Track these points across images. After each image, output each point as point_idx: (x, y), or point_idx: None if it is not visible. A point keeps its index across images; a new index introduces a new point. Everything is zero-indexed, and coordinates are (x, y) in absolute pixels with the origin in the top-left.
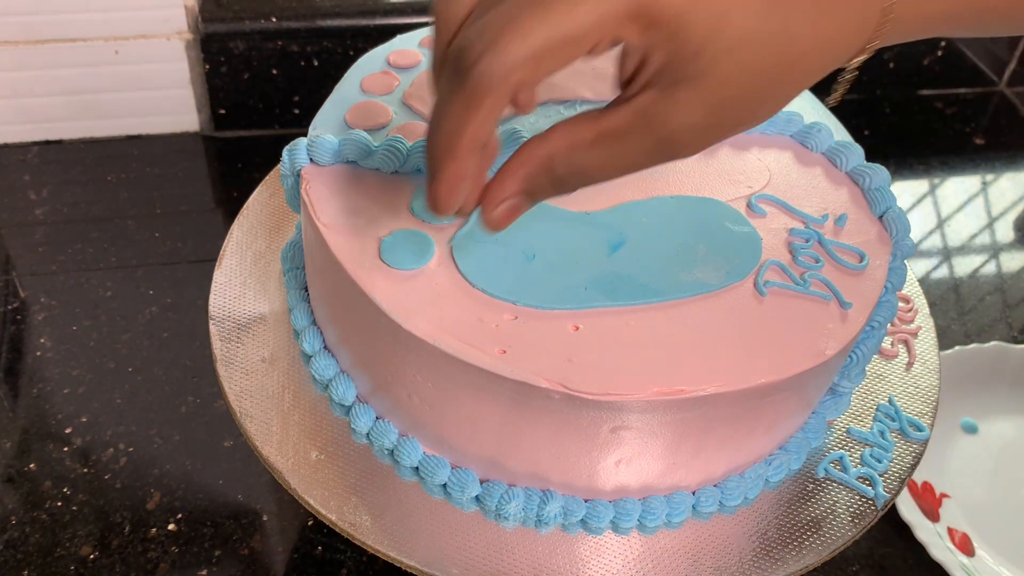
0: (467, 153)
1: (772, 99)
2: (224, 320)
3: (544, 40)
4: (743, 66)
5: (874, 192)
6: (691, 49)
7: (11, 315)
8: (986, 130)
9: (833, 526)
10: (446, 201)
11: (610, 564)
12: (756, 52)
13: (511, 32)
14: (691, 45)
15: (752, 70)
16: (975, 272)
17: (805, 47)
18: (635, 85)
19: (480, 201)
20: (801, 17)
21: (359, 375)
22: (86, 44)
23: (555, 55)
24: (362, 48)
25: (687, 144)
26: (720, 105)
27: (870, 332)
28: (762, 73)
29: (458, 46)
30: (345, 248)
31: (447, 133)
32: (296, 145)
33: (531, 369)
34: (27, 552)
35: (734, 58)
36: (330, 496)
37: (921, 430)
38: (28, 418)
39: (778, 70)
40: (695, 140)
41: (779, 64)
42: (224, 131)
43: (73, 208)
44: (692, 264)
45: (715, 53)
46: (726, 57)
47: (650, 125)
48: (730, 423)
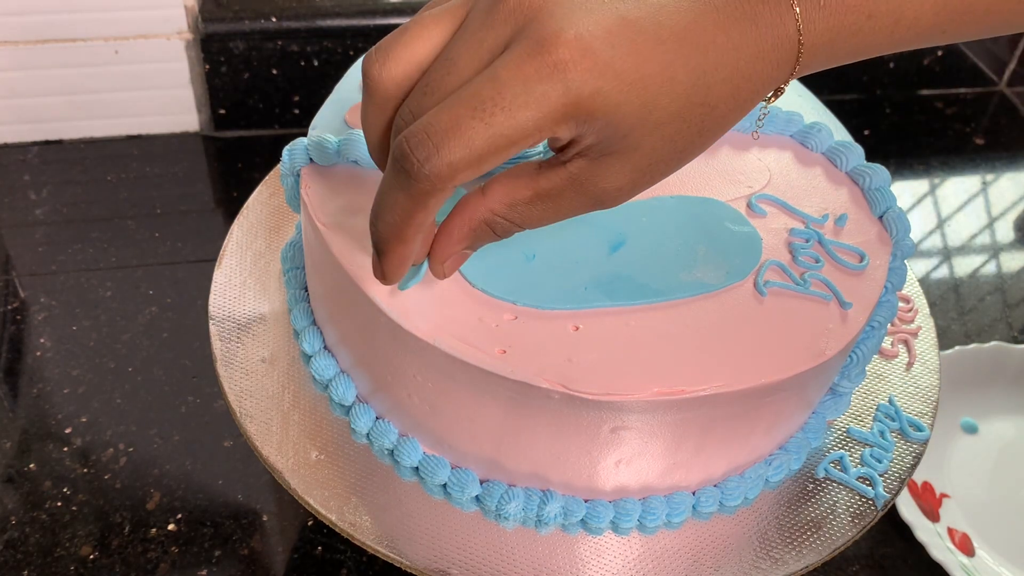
0: (412, 237)
1: (690, 155)
2: (224, 320)
3: (486, 145)
4: (667, 139)
5: (874, 192)
6: (621, 132)
7: (11, 315)
8: (986, 130)
9: (833, 526)
10: (393, 276)
11: (610, 564)
12: (679, 126)
13: (455, 139)
14: (621, 129)
15: (675, 140)
16: (975, 272)
17: (725, 111)
18: (568, 153)
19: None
20: (721, 88)
21: (359, 375)
22: (86, 44)
23: (498, 155)
24: (362, 48)
25: (616, 200)
26: (645, 169)
27: (870, 332)
28: (684, 140)
29: (402, 149)
30: (345, 248)
31: (393, 223)
32: (296, 145)
33: (531, 369)
34: (27, 552)
35: (659, 134)
36: (330, 496)
37: (921, 430)
38: (28, 418)
39: (698, 134)
40: (623, 196)
41: (700, 130)
42: (224, 131)
43: (73, 208)
44: (692, 264)
45: (642, 132)
46: (652, 134)
47: (582, 187)
48: (730, 423)
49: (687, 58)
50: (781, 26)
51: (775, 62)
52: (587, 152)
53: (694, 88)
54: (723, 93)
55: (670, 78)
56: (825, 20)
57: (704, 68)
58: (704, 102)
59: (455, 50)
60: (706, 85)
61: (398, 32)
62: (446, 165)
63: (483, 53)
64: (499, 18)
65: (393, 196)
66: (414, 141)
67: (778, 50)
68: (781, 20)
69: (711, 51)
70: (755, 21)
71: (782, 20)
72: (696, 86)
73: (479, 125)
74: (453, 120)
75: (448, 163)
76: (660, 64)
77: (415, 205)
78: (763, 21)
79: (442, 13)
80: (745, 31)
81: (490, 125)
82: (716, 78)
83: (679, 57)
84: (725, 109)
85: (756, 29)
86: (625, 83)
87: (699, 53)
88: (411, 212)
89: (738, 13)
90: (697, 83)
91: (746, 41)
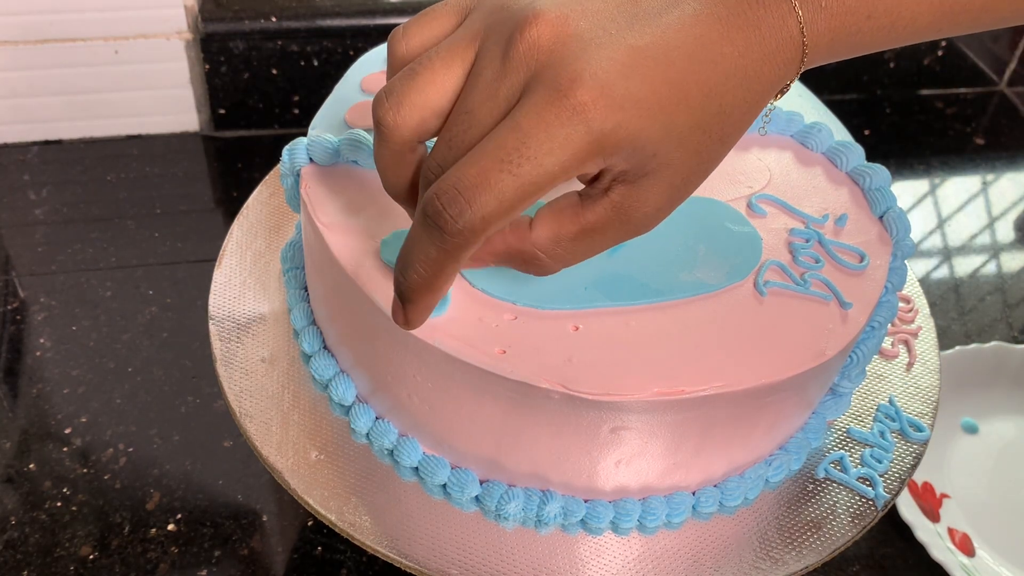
0: (441, 287)
1: (717, 161)
2: (224, 320)
3: (516, 194)
4: (693, 151)
5: (874, 192)
6: (649, 153)
7: (11, 315)
8: (986, 130)
9: (833, 526)
10: (417, 323)
11: (610, 564)
12: (701, 137)
13: (485, 192)
14: (648, 151)
15: (700, 151)
16: (975, 272)
17: (739, 115)
18: (604, 182)
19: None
20: (733, 95)
21: (359, 375)
22: (86, 44)
23: (527, 202)
24: (362, 48)
25: (654, 222)
26: (680, 184)
27: (870, 332)
28: (708, 150)
29: (435, 207)
30: (345, 248)
31: (425, 275)
32: (296, 145)
33: (531, 369)
34: (27, 552)
35: (685, 147)
36: (330, 496)
37: (921, 430)
38: (28, 418)
39: (719, 142)
40: (660, 218)
41: (720, 138)
42: (224, 131)
43: (73, 208)
44: (692, 264)
45: (668, 148)
46: (677, 148)
47: (627, 215)
48: (730, 423)
49: (698, 74)
50: (784, 28)
51: (781, 63)
52: (623, 178)
53: (708, 99)
54: (735, 99)
55: (685, 95)
56: (826, 21)
57: (715, 80)
58: (720, 111)
59: (471, 101)
60: (719, 95)
61: (407, 76)
62: (479, 219)
63: (500, 102)
64: (512, 66)
65: (424, 250)
66: (446, 199)
67: (783, 51)
68: (784, 23)
69: (720, 63)
70: (758, 26)
71: (784, 23)
72: (710, 97)
73: (507, 177)
74: (481, 174)
75: (481, 217)
76: (674, 85)
77: (447, 258)
78: (765, 25)
79: (451, 56)
80: (749, 37)
81: (518, 176)
82: (727, 86)
83: (690, 75)
84: (739, 114)
85: (759, 34)
86: (644, 110)
87: (709, 67)
88: (443, 265)
89: (741, 21)
90: (710, 94)
91: (751, 47)
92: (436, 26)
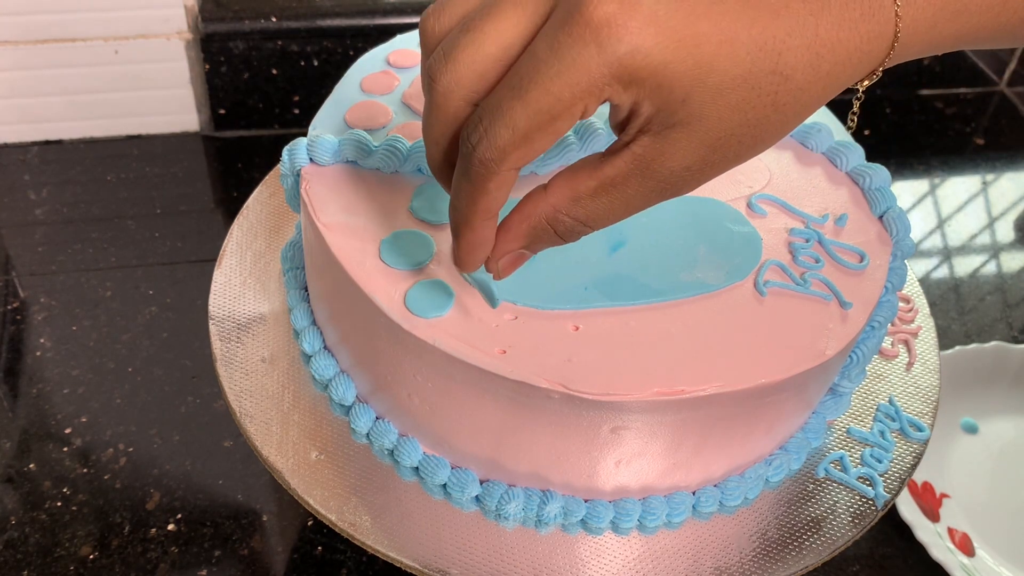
0: (481, 223)
1: (769, 134)
2: (224, 320)
3: (528, 122)
4: (734, 107)
5: (874, 192)
6: (678, 96)
7: (11, 315)
8: (986, 130)
9: (833, 526)
10: (467, 261)
11: (610, 564)
12: (747, 94)
13: (498, 121)
14: (677, 93)
15: (744, 110)
16: (975, 272)
17: (802, 82)
18: (630, 131)
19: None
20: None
21: (359, 375)
22: (86, 44)
23: (544, 131)
24: (362, 48)
25: (686, 183)
26: (716, 145)
27: (870, 332)
28: (755, 112)
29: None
30: (345, 248)
31: (461, 209)
32: (296, 145)
33: (531, 369)
34: (27, 552)
35: (724, 100)
36: (330, 496)
37: (921, 430)
38: (28, 418)
39: (773, 108)
40: (693, 179)
41: (774, 103)
42: (224, 131)
43: (73, 208)
44: (692, 264)
45: (703, 98)
46: (715, 100)
47: (649, 168)
48: (730, 423)
49: (752, 20)
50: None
51: (865, 35)
52: (649, 126)
53: (761, 52)
54: (799, 61)
55: (730, 39)
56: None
57: (773, 32)
58: (775, 69)
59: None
60: (776, 51)
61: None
62: (495, 148)
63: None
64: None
65: (459, 182)
66: (470, 128)
67: (869, 21)
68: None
69: (783, 14)
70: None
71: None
72: (763, 50)
73: (517, 104)
74: (496, 102)
75: (497, 146)
76: (717, 23)
77: (475, 190)
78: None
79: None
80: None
81: (527, 103)
82: (789, 44)
83: (742, 18)
84: (802, 80)
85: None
86: (672, 39)
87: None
88: (474, 197)
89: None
90: (764, 47)
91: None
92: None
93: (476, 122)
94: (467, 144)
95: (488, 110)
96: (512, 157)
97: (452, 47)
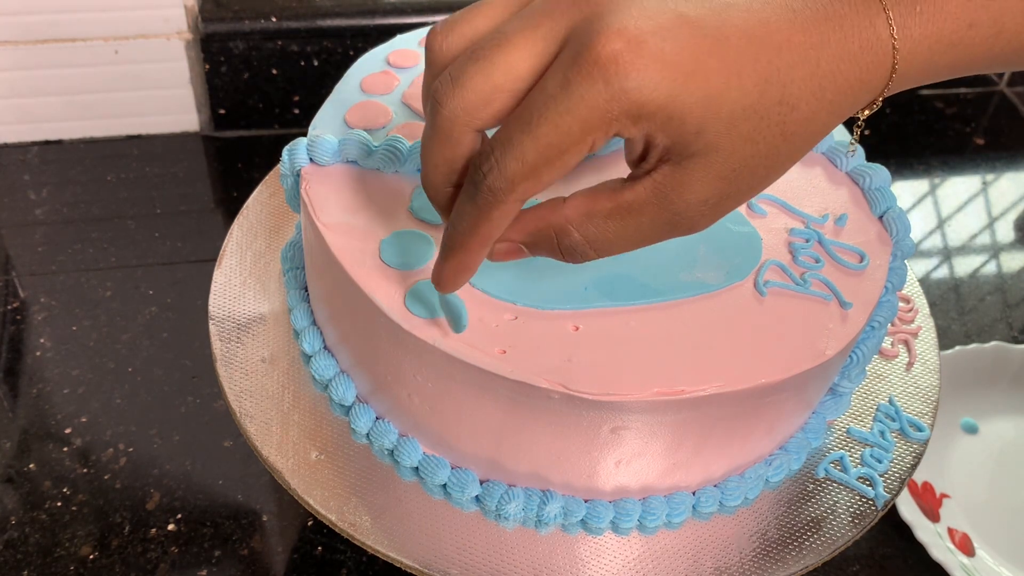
0: (477, 248)
1: (779, 164)
2: (224, 320)
3: (537, 156)
4: (746, 137)
5: (874, 192)
6: (691, 128)
7: (11, 315)
8: (986, 130)
9: (833, 526)
10: (450, 283)
11: (610, 564)
12: (757, 123)
13: (509, 153)
14: (690, 125)
15: (755, 140)
16: (975, 272)
17: (808, 112)
18: (651, 160)
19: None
20: (800, 86)
21: (359, 375)
22: (86, 44)
23: (552, 165)
24: (362, 48)
25: (700, 218)
26: (731, 176)
27: (870, 332)
28: (766, 142)
29: (473, 162)
30: (345, 248)
31: (461, 231)
32: (296, 145)
33: (531, 369)
34: (27, 552)
35: (736, 131)
36: (330, 496)
37: (921, 430)
38: (28, 418)
39: (782, 138)
40: (708, 214)
41: (782, 132)
42: (224, 131)
43: (73, 208)
44: (692, 264)
45: (717, 128)
46: (728, 131)
47: (667, 199)
48: (730, 423)
49: (757, 54)
50: (870, 28)
51: (865, 65)
52: (668, 156)
53: (767, 83)
54: (803, 92)
55: (737, 72)
56: (922, 27)
57: (777, 65)
58: (782, 99)
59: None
60: (781, 82)
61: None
62: (505, 179)
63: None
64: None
65: (463, 206)
66: (481, 157)
67: (868, 53)
68: (871, 23)
69: (785, 49)
70: (839, 23)
71: (872, 23)
72: (770, 81)
73: (527, 138)
74: (507, 135)
75: (506, 177)
76: (723, 58)
77: (480, 216)
78: (848, 23)
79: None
80: (826, 32)
81: (536, 137)
82: (793, 76)
83: (746, 53)
84: (807, 110)
85: (840, 30)
86: (679, 73)
87: (770, 50)
88: (476, 222)
89: (819, 15)
90: (770, 79)
91: (827, 41)
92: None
93: (488, 152)
94: (478, 172)
95: (499, 142)
96: (520, 188)
97: (460, 73)
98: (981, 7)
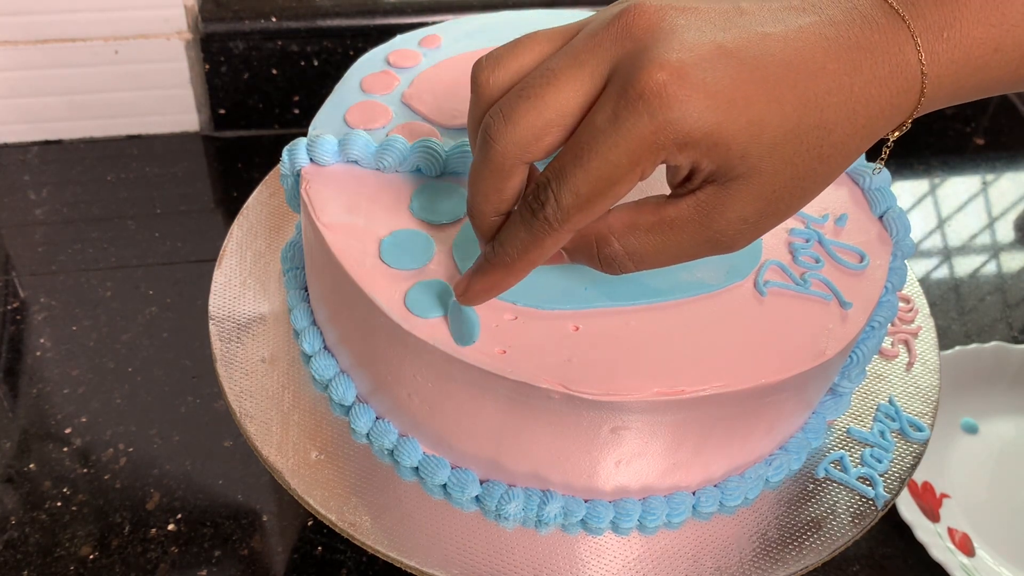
0: (520, 271)
1: (815, 185)
2: (224, 320)
3: (590, 189)
4: (787, 160)
5: (874, 192)
6: (736, 153)
7: (11, 315)
8: (986, 130)
9: (833, 526)
10: (479, 297)
11: (610, 564)
12: (796, 147)
13: (564, 187)
14: (735, 150)
15: (795, 163)
16: (975, 272)
17: (842, 136)
18: (695, 180)
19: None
20: (836, 111)
21: (359, 375)
22: (86, 44)
23: (604, 196)
24: (362, 48)
25: (738, 236)
26: (771, 198)
27: (870, 332)
28: (804, 165)
29: (530, 190)
30: (345, 248)
31: (510, 254)
32: (296, 145)
33: (531, 369)
34: (27, 552)
35: (777, 154)
36: (330, 496)
37: (921, 430)
38: (28, 418)
39: (819, 161)
40: (747, 232)
41: (819, 155)
42: (224, 131)
43: (73, 208)
44: (692, 264)
45: (760, 152)
46: (770, 154)
47: (708, 217)
48: (730, 423)
49: (794, 82)
50: (900, 54)
51: (895, 90)
52: (713, 178)
53: (805, 109)
54: (838, 116)
55: (777, 99)
56: (949, 52)
57: (815, 91)
58: (819, 124)
59: (556, 61)
60: (818, 108)
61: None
62: (561, 211)
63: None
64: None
65: (516, 230)
66: (539, 187)
67: (898, 78)
68: (900, 49)
69: (821, 76)
70: (870, 50)
71: (900, 49)
72: (807, 107)
73: (580, 171)
74: (560, 168)
75: (563, 207)
76: (762, 86)
77: (533, 242)
78: (879, 49)
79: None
80: (859, 58)
81: (588, 171)
82: (829, 101)
83: (784, 81)
84: (842, 133)
85: (872, 56)
86: (722, 101)
87: (807, 78)
88: (527, 248)
89: (850, 42)
90: (808, 104)
91: (860, 68)
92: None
93: (544, 184)
94: (535, 202)
95: (555, 175)
96: (574, 220)
97: (512, 110)
98: (1007, 32)
